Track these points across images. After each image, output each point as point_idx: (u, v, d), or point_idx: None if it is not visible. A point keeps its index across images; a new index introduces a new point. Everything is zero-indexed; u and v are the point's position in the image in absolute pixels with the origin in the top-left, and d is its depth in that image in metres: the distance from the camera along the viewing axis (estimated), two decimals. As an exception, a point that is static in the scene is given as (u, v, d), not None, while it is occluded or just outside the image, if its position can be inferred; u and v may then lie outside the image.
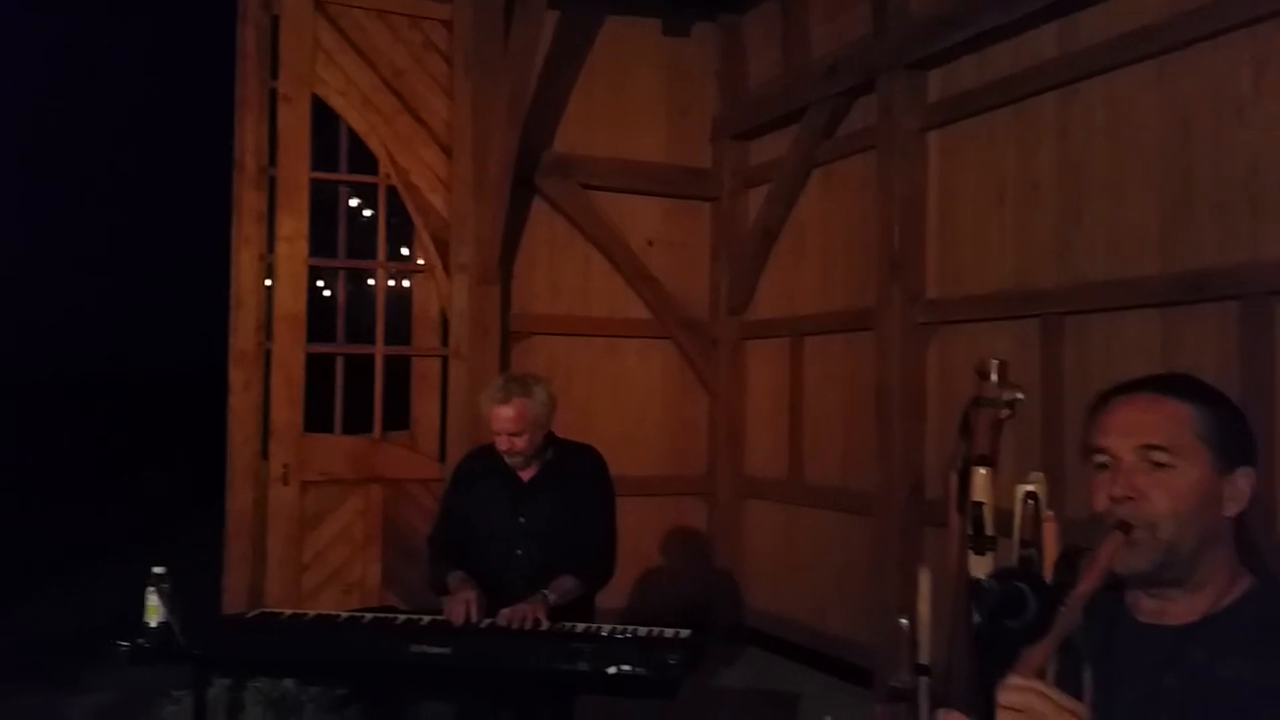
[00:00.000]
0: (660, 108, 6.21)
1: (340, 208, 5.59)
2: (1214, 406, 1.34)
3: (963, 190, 4.84)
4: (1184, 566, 1.30)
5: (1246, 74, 3.62)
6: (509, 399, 3.14)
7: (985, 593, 1.01)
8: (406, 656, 2.74)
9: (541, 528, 3.23)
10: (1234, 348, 3.55)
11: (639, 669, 2.67)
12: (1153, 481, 1.29)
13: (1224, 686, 1.24)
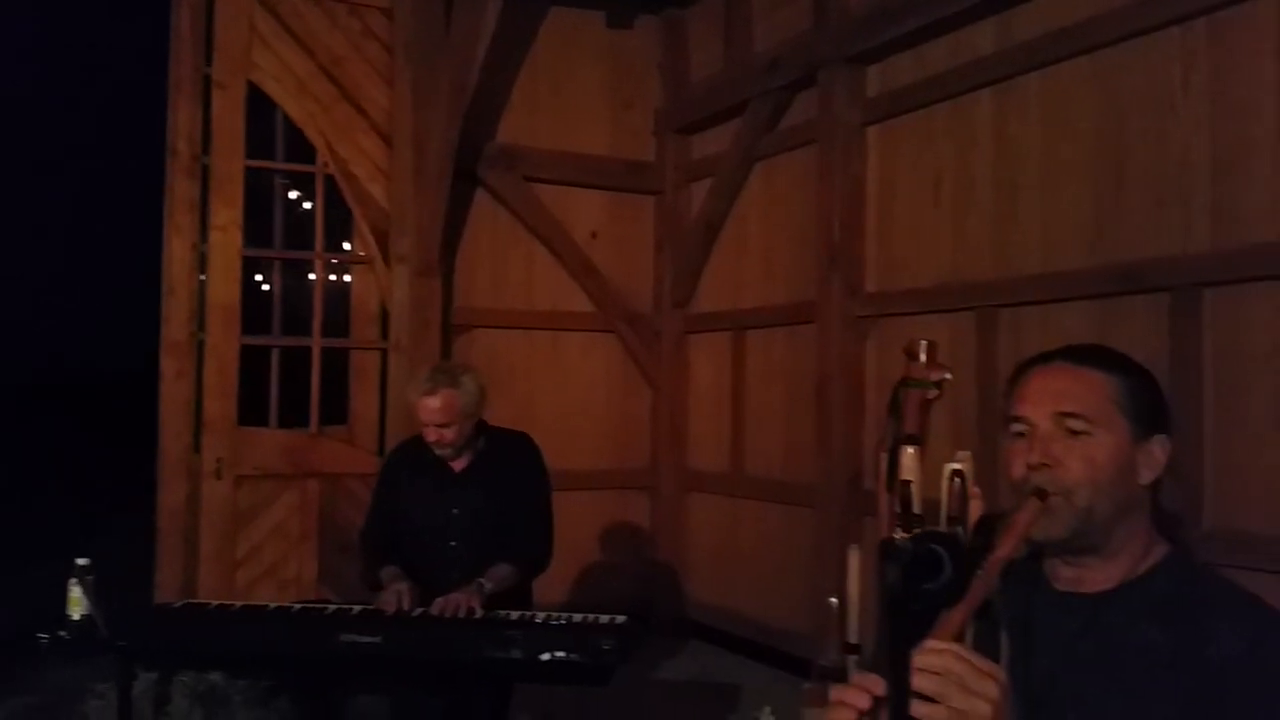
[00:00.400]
0: (603, 100, 6.19)
1: (276, 197, 5.48)
2: (1130, 375, 1.35)
3: (901, 184, 4.88)
4: (1100, 533, 1.31)
5: (1177, 69, 3.69)
6: (436, 390, 3.09)
7: (898, 552, 1.00)
8: (336, 646, 2.69)
9: (475, 518, 3.19)
10: (1164, 338, 3.62)
11: (573, 655, 2.65)
12: (1069, 449, 1.29)
13: (1138, 651, 1.25)
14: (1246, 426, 3.42)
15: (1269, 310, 3.39)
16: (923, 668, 1.02)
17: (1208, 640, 1.22)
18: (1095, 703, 1.24)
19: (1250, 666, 1.20)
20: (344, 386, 5.51)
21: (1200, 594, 1.29)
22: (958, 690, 1.01)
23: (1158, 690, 1.22)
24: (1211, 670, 1.20)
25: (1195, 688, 1.20)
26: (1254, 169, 3.45)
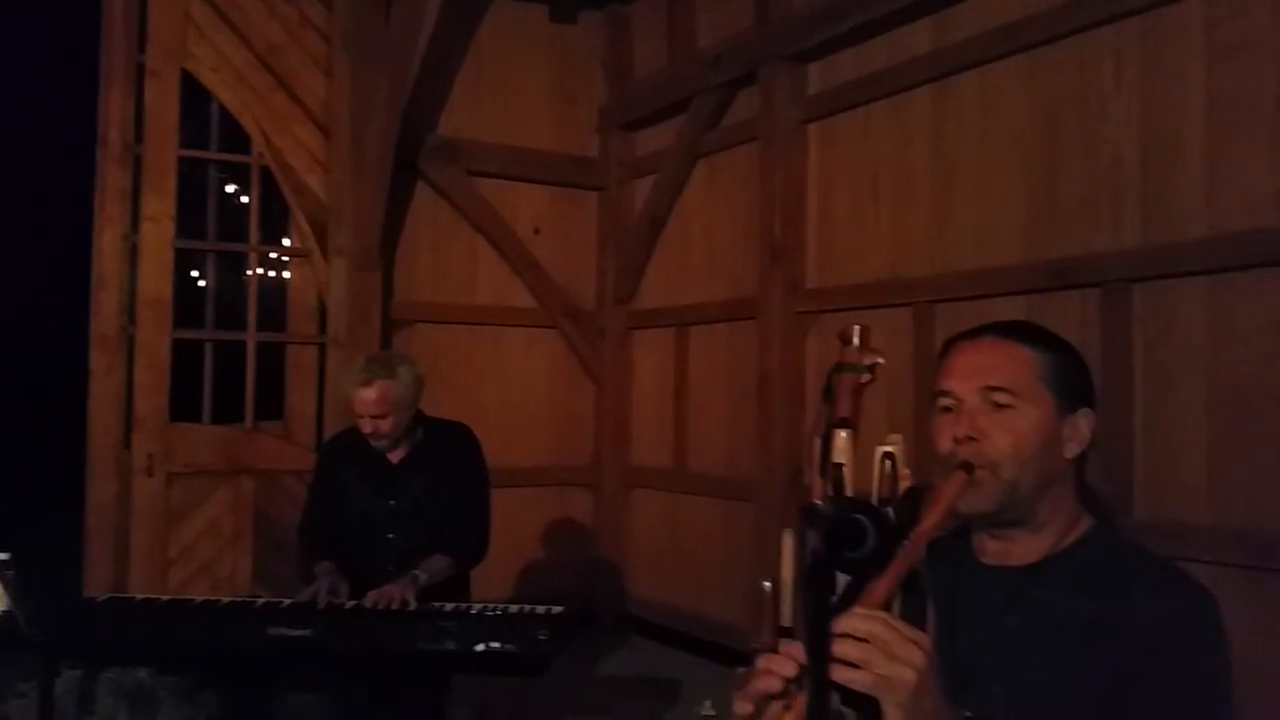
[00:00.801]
0: (547, 95, 6.17)
1: (211, 188, 5.38)
2: (1055, 350, 1.36)
3: (841, 182, 4.92)
4: (1025, 507, 1.32)
5: (1109, 68, 3.76)
6: (371, 381, 3.04)
7: (820, 517, 0.99)
8: (265, 640, 2.63)
9: (412, 510, 3.15)
10: (1096, 333, 3.69)
11: (508, 646, 2.61)
12: (995, 422, 1.30)
13: (1063, 623, 1.26)
14: (1176, 419, 3.49)
15: (1198, 305, 3.47)
16: (849, 632, 1.02)
17: (1131, 610, 1.23)
18: (1022, 674, 1.25)
19: (1172, 634, 1.21)
20: (280, 382, 5.42)
21: (1124, 566, 1.31)
22: (883, 657, 1.01)
23: (1082, 660, 1.23)
24: (1137, 639, 1.21)
25: (1119, 657, 1.21)
26: (1183, 166, 3.52)
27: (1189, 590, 1.27)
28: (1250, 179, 3.34)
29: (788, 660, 1.03)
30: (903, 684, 1.01)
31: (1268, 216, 3.28)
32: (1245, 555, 3.26)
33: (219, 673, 2.64)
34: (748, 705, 1.05)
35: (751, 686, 1.06)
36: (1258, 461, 3.28)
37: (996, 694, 1.16)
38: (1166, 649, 1.20)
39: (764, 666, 1.05)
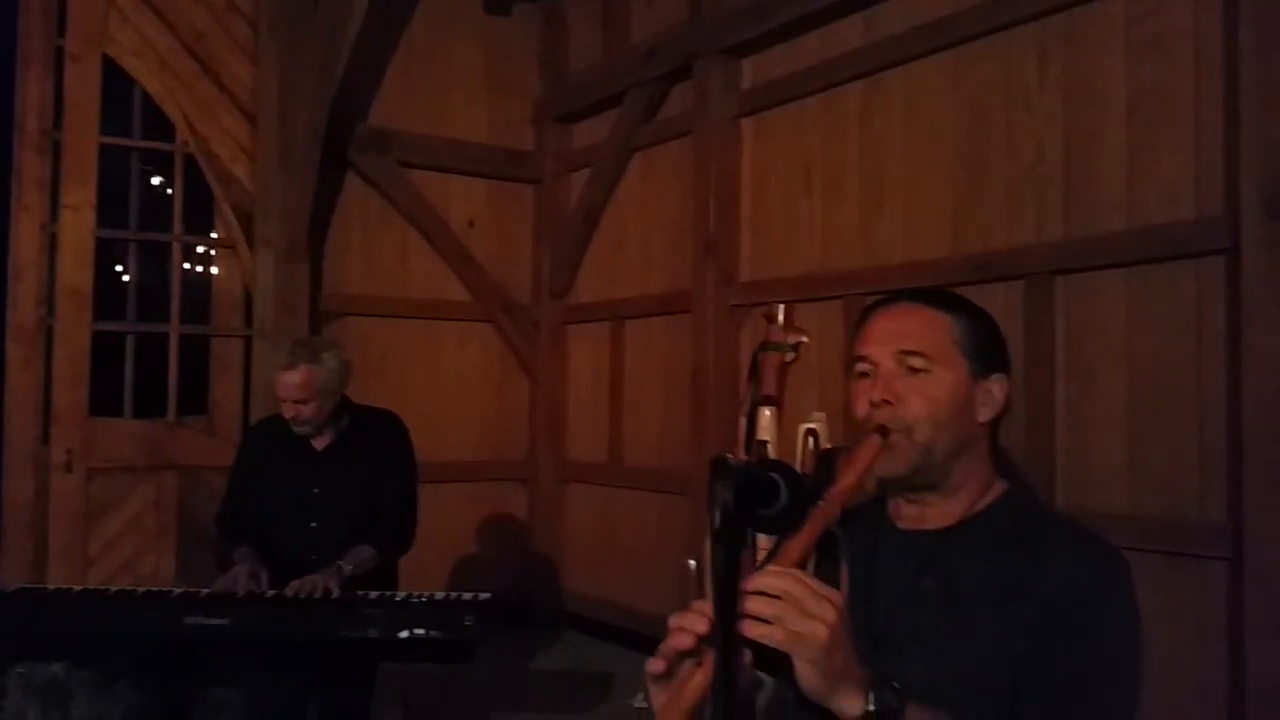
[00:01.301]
0: (481, 87, 6.11)
1: (133, 176, 5.24)
2: (970, 316, 1.37)
3: (774, 176, 4.94)
4: (939, 470, 1.33)
5: (1033, 65, 3.82)
6: (295, 365, 2.97)
7: (730, 470, 0.98)
8: (182, 629, 2.56)
9: (337, 498, 3.09)
10: (1019, 324, 3.74)
11: (433, 632, 2.57)
12: (909, 386, 1.31)
13: (976, 584, 1.27)
14: (1097, 409, 3.55)
15: (1118, 297, 3.53)
16: (762, 589, 1.01)
17: (1043, 571, 1.24)
18: (935, 636, 1.25)
19: (1082, 593, 1.23)
20: (204, 376, 5.30)
21: (1036, 528, 1.32)
22: (795, 613, 1.01)
23: (995, 621, 1.23)
24: (1047, 599, 1.22)
25: (1032, 616, 1.22)
26: (1104, 161, 3.59)
27: (1100, 551, 1.29)
28: (1168, 173, 3.41)
29: (700, 617, 1.03)
30: (814, 640, 1.01)
31: (1185, 209, 3.36)
32: (1162, 541, 3.33)
33: (135, 665, 2.57)
34: (660, 663, 1.04)
35: (664, 644, 1.05)
36: (1175, 450, 3.35)
37: (911, 655, 1.17)
38: (1077, 608, 1.21)
39: (676, 624, 1.05)
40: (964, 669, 1.21)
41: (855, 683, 1.04)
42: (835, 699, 1.04)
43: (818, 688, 1.03)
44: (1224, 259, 3.22)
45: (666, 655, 1.04)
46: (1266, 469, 2.99)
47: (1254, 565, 3.01)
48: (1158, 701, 3.34)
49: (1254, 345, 3.03)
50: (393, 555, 3.14)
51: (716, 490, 0.96)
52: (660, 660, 1.05)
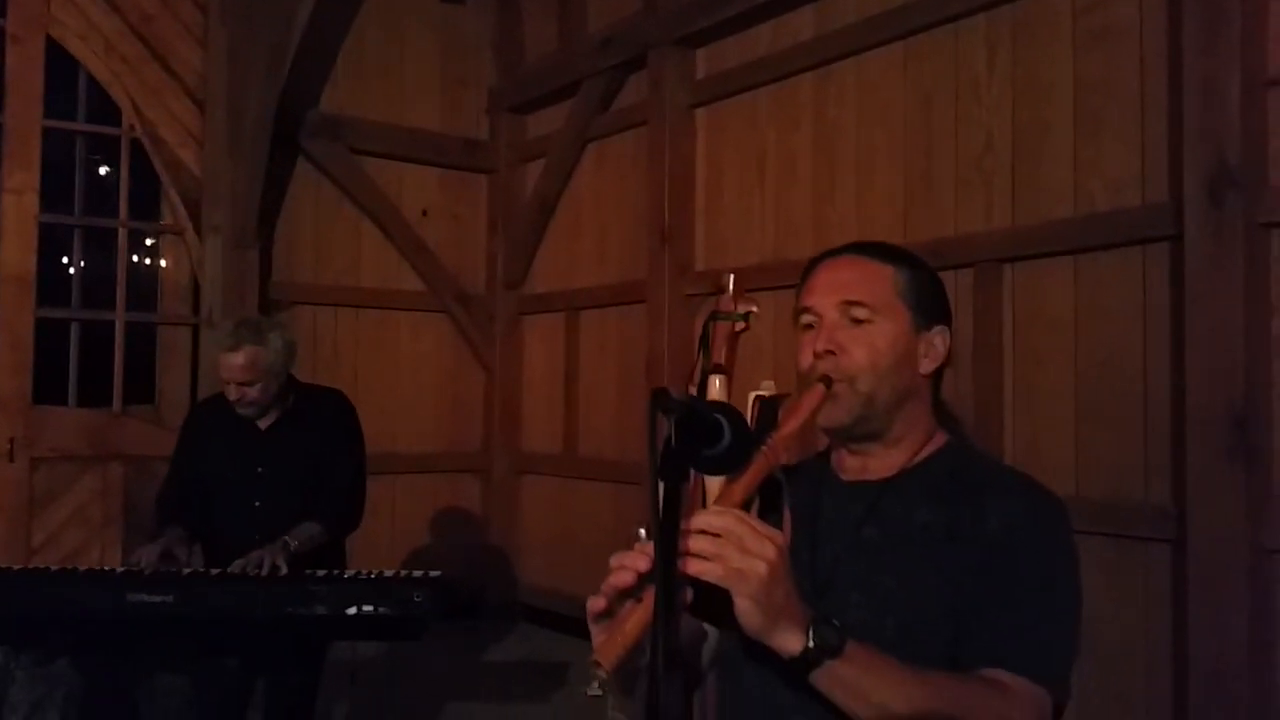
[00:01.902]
0: (435, 75, 6.06)
1: (78, 161, 5.14)
2: (912, 268, 1.39)
3: (728, 166, 4.96)
4: (881, 420, 1.34)
5: (981, 56, 3.86)
6: (239, 346, 2.93)
7: (672, 403, 0.98)
8: (124, 607, 2.51)
9: (282, 478, 3.04)
10: (969, 312, 3.78)
11: (382, 608, 2.54)
12: (852, 337, 1.32)
13: (917, 532, 1.29)
14: (1044, 394, 3.61)
15: (1065, 284, 3.59)
16: (703, 528, 1.02)
17: (984, 515, 1.26)
18: (877, 582, 1.27)
19: (1020, 534, 1.24)
20: (150, 364, 5.21)
21: (977, 475, 1.34)
22: (735, 550, 1.01)
23: (936, 565, 1.25)
24: (988, 540, 1.24)
25: (973, 558, 1.23)
26: (1051, 150, 3.64)
27: (1037, 494, 1.31)
28: (1114, 161, 3.47)
29: (641, 555, 1.03)
30: (754, 576, 1.01)
31: (1131, 198, 3.41)
32: (1108, 524, 3.39)
33: (76, 645, 2.51)
34: (600, 601, 1.04)
35: (606, 582, 1.05)
36: (1120, 435, 3.41)
37: (853, 601, 1.17)
38: (1015, 547, 1.23)
39: (617, 563, 1.05)
40: (904, 613, 1.22)
41: (795, 620, 1.05)
42: (775, 636, 1.04)
43: (758, 625, 1.03)
44: (1168, 246, 3.28)
45: (607, 593, 1.04)
46: (1208, 452, 3.05)
47: (1196, 546, 3.07)
48: (1105, 680, 3.42)
49: (1197, 330, 3.09)
50: (340, 533, 3.11)
51: (658, 422, 0.95)
52: (601, 598, 1.05)
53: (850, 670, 1.07)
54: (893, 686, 1.08)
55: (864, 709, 1.08)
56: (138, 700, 2.66)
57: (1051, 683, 1.18)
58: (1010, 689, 1.14)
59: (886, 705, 1.08)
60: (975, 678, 1.16)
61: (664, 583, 0.90)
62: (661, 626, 0.87)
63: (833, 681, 1.07)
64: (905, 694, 1.08)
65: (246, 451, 3.06)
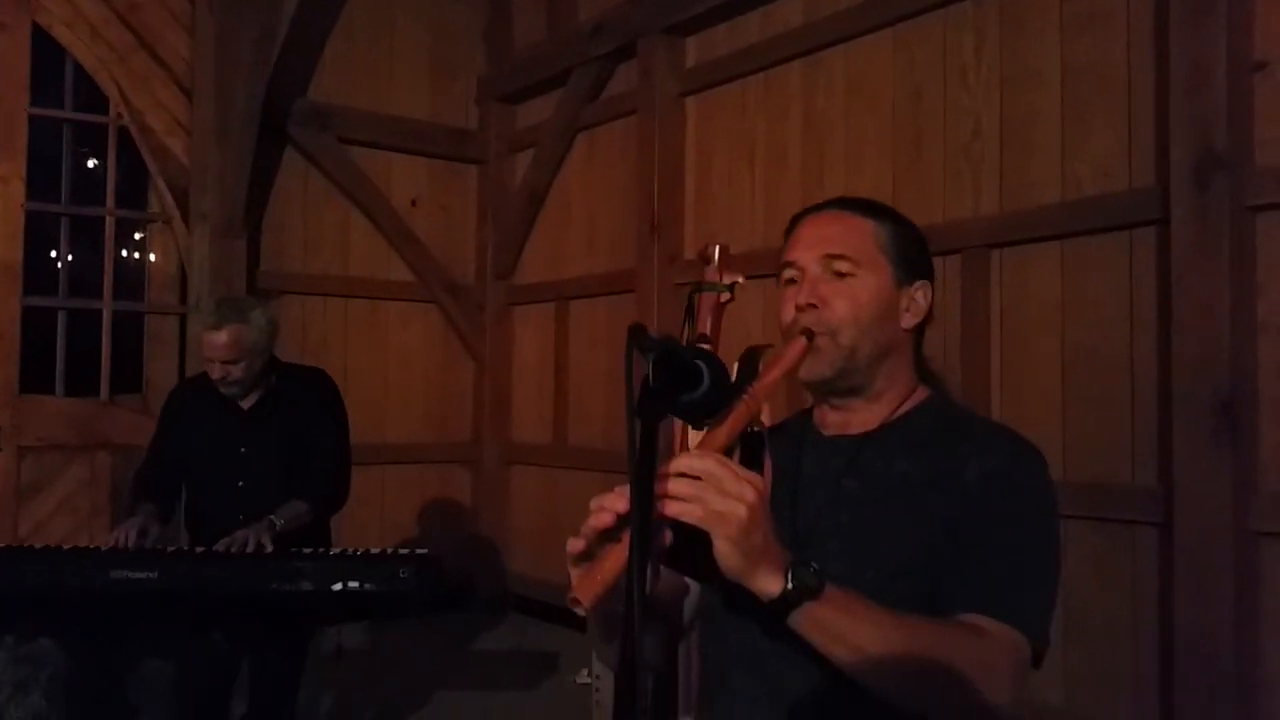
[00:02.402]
0: (424, 64, 6.05)
1: (65, 149, 5.11)
2: (895, 223, 1.39)
3: (717, 154, 4.96)
4: (863, 374, 1.34)
5: (970, 42, 3.87)
6: (222, 324, 2.92)
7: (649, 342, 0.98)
8: (107, 584, 2.50)
9: (265, 458, 3.03)
10: (956, 297, 3.79)
11: (367, 585, 2.53)
12: (835, 290, 1.32)
13: (897, 482, 1.29)
14: (1031, 379, 3.62)
15: (1052, 269, 3.60)
16: (682, 470, 1.02)
17: (964, 464, 1.26)
18: (856, 531, 1.27)
19: (1005, 478, 1.25)
20: (138, 353, 5.19)
21: (956, 428, 1.34)
22: (714, 492, 1.01)
23: (915, 514, 1.25)
24: (968, 489, 1.24)
25: (952, 507, 1.24)
26: (1037, 136, 3.65)
27: (1016, 443, 1.31)
28: (1101, 146, 3.48)
29: (620, 497, 1.03)
30: (734, 518, 1.01)
31: (1117, 182, 3.42)
32: (1094, 507, 3.40)
33: (60, 623, 2.50)
34: (579, 543, 1.04)
35: (585, 524, 1.05)
36: (1107, 418, 3.42)
37: (831, 551, 1.17)
38: (994, 496, 1.23)
39: (597, 505, 1.05)
40: (883, 560, 1.23)
41: (774, 563, 1.05)
42: (754, 579, 1.04)
43: (736, 566, 1.03)
44: (1155, 230, 3.29)
45: (586, 535, 1.04)
46: (1194, 435, 3.06)
47: (1182, 529, 3.08)
48: (1093, 660, 3.43)
49: (1183, 313, 3.10)
50: (325, 512, 3.10)
51: (635, 360, 0.95)
52: (580, 540, 1.05)
53: (828, 612, 1.07)
54: (870, 629, 1.09)
55: (842, 651, 1.08)
56: (123, 683, 2.65)
57: (1030, 628, 1.18)
58: (988, 633, 1.15)
59: (864, 647, 1.08)
60: (954, 622, 1.16)
61: (639, 517, 0.90)
62: (637, 561, 0.87)
63: (811, 624, 1.07)
64: (883, 636, 1.08)
65: (229, 432, 3.05)
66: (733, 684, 1.28)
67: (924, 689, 1.10)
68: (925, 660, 1.08)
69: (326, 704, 4.23)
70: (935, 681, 1.09)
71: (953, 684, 1.09)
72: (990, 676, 1.11)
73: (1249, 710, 2.98)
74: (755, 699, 1.24)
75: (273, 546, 2.72)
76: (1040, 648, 1.20)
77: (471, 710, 4.27)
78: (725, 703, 1.29)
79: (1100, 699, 3.38)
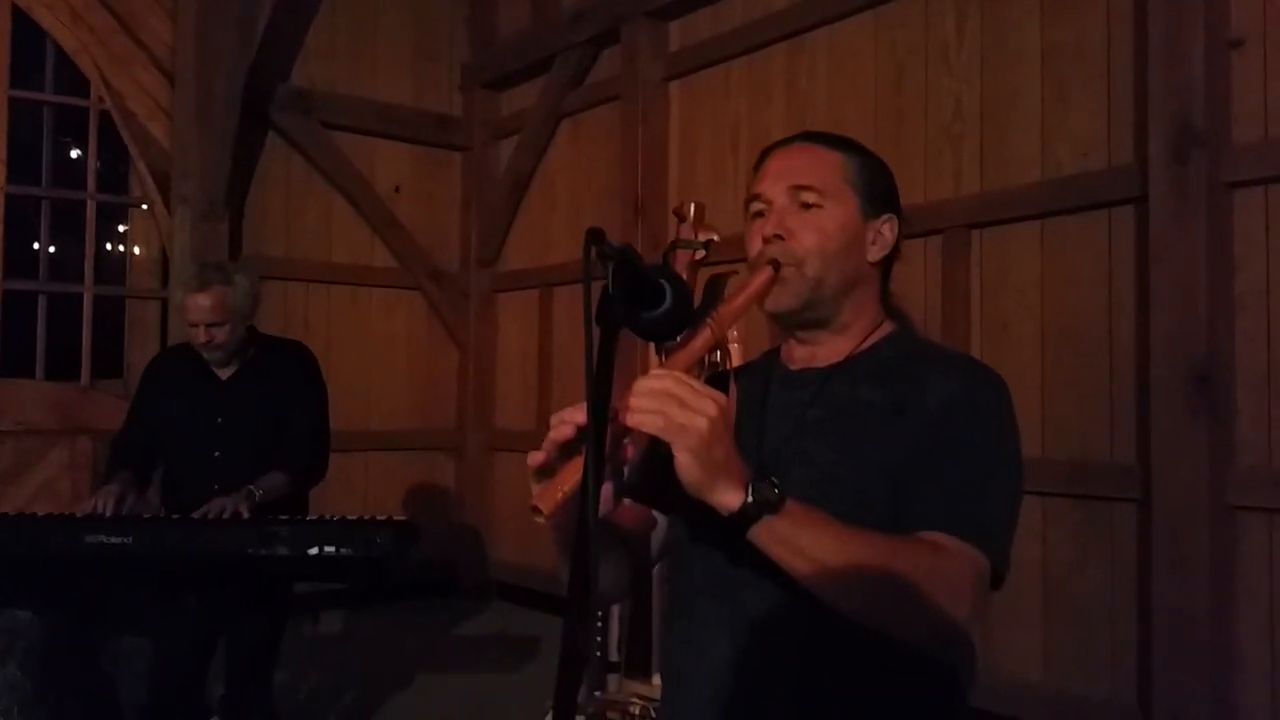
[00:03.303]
0: (407, 50, 6.03)
1: (45, 132, 5.08)
2: (862, 155, 1.40)
3: (701, 139, 4.96)
4: (829, 306, 1.35)
5: (951, 24, 3.88)
6: (207, 286, 2.90)
7: (611, 249, 0.98)
8: (82, 548, 2.48)
9: (242, 428, 3.02)
10: (937, 278, 3.81)
11: (344, 549, 2.52)
12: (802, 222, 1.33)
13: (861, 411, 1.30)
14: (1011, 358, 3.62)
15: (1031, 248, 3.61)
16: (643, 390, 1.03)
17: (926, 391, 1.27)
18: (820, 458, 1.27)
19: (966, 402, 1.26)
20: (119, 338, 5.16)
21: (921, 356, 1.35)
22: (675, 405, 1.02)
23: (878, 440, 1.26)
24: (930, 414, 1.25)
25: (915, 432, 1.24)
26: (1018, 116, 3.66)
27: (978, 370, 1.33)
28: (1081, 125, 3.49)
29: (580, 410, 1.04)
30: (695, 431, 1.02)
31: (1096, 160, 3.44)
32: (1073, 485, 3.42)
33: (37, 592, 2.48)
34: (539, 455, 1.05)
35: (546, 438, 1.05)
36: (1085, 396, 3.44)
37: (796, 478, 1.18)
38: (955, 419, 1.24)
39: (557, 419, 1.05)
40: (846, 485, 1.23)
41: (734, 477, 1.06)
42: (714, 493, 1.05)
43: (697, 479, 1.04)
44: (1133, 208, 3.31)
45: (547, 448, 1.05)
46: (1172, 410, 3.08)
47: (1160, 504, 3.10)
48: (1073, 636, 3.44)
49: (1161, 288, 3.12)
50: (304, 484, 3.10)
51: (593, 261, 0.95)
52: (540, 453, 1.05)
53: (788, 526, 1.07)
54: (830, 541, 1.09)
55: (802, 565, 1.09)
56: (101, 657, 2.64)
57: (989, 547, 1.18)
58: (947, 549, 1.15)
59: (823, 560, 1.08)
60: (913, 538, 1.16)
61: (595, 421, 0.90)
62: (594, 464, 0.88)
63: (771, 538, 1.07)
64: (842, 549, 1.09)
65: (207, 402, 3.04)
66: (697, 610, 1.28)
67: (881, 601, 1.11)
68: (883, 573, 1.08)
69: (306, 688, 4.22)
70: (893, 594, 1.10)
71: (910, 597, 1.10)
72: (948, 591, 1.12)
73: (1225, 683, 3.00)
74: (718, 622, 1.25)
75: (250, 515, 2.71)
76: (1000, 569, 1.20)
77: (454, 694, 4.27)
78: (688, 628, 1.29)
79: (1079, 674, 3.40)
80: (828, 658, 1.20)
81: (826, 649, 1.19)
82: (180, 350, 3.11)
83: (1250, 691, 2.99)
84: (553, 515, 0.98)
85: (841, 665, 1.20)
